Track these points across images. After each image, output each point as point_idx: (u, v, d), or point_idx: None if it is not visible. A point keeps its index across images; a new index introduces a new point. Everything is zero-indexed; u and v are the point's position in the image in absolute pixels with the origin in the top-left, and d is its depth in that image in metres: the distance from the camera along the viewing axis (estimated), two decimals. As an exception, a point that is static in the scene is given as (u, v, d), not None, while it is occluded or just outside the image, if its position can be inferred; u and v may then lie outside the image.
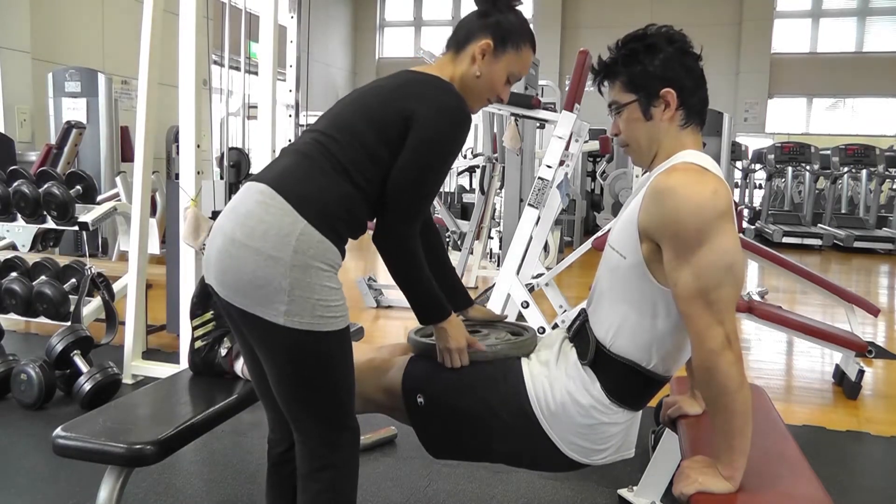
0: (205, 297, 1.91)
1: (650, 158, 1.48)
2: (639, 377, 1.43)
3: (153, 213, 4.03)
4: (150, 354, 3.31)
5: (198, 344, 1.90)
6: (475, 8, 1.52)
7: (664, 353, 1.42)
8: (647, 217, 1.34)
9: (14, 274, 3.67)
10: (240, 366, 1.85)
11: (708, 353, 1.26)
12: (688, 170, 1.35)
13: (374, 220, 1.44)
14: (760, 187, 10.98)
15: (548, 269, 4.13)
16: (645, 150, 1.47)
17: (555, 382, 1.46)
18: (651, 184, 1.36)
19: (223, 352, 1.87)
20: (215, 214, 2.99)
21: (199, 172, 2.95)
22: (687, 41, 1.46)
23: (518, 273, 3.53)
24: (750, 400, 1.27)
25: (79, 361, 2.90)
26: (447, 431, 1.55)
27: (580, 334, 1.49)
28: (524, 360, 1.52)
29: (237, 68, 3.25)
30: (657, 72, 1.42)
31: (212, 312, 1.91)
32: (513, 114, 3.98)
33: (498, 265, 5.71)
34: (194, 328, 1.91)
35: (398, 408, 1.60)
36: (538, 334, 1.66)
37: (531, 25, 1.61)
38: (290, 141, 3.22)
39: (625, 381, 1.43)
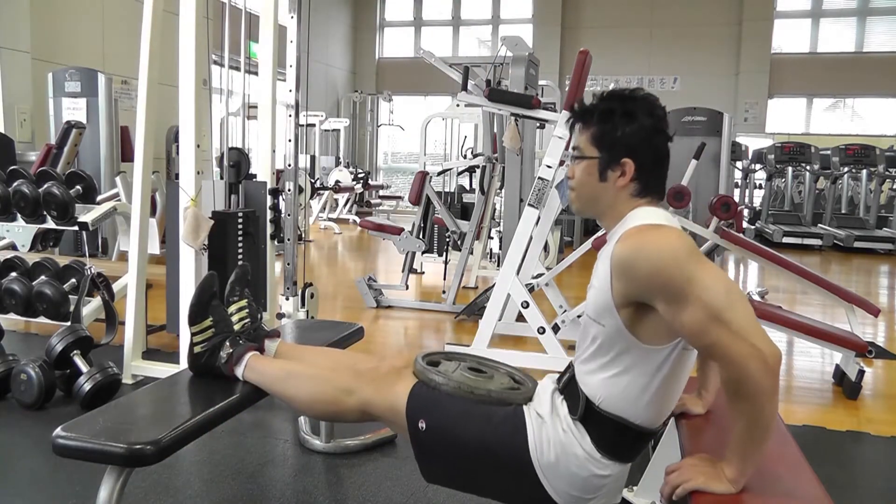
0: (203, 304, 1.90)
1: (590, 212, 1.54)
2: (628, 432, 1.45)
3: (153, 213, 4.03)
4: (150, 354, 3.31)
5: (197, 349, 1.90)
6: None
7: (652, 407, 1.44)
8: (622, 286, 1.36)
9: (14, 274, 3.67)
10: (241, 371, 1.84)
11: (740, 369, 1.22)
12: (643, 231, 1.37)
13: None
14: (760, 187, 10.97)
15: (548, 269, 4.14)
16: (587, 203, 1.53)
17: (551, 435, 1.48)
18: (613, 255, 1.37)
19: (224, 357, 1.86)
20: (215, 214, 2.99)
21: (199, 172, 2.95)
22: (665, 119, 1.48)
23: (518, 273, 3.54)
24: (776, 414, 1.26)
25: (79, 361, 2.90)
26: (444, 461, 1.58)
27: (570, 389, 1.51)
28: (526, 409, 1.54)
29: (237, 68, 3.25)
30: (625, 139, 1.45)
31: (211, 319, 1.89)
32: (513, 114, 3.98)
33: (498, 265, 5.72)
34: (193, 334, 1.90)
35: (399, 425, 1.62)
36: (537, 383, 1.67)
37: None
38: (290, 141, 3.22)
39: (615, 436, 1.45)
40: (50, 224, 3.53)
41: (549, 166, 3.44)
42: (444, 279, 5.24)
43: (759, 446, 1.26)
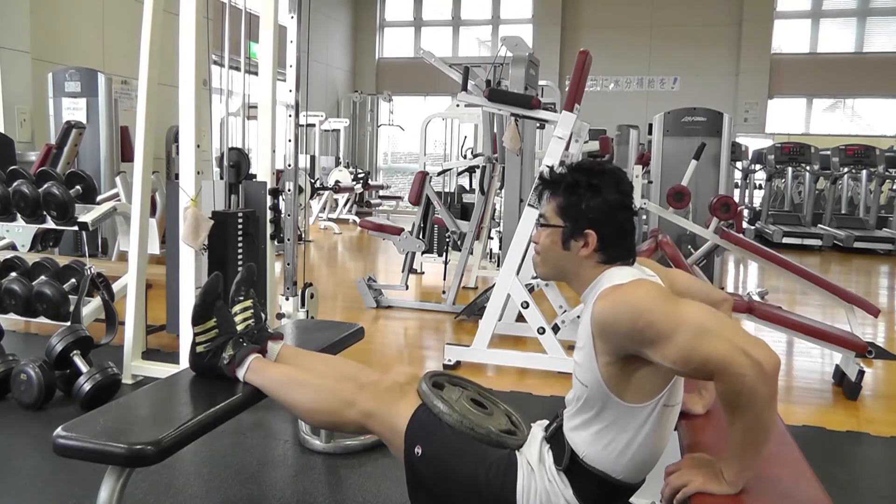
0: (208, 305, 1.90)
1: (555, 277, 1.58)
2: (610, 487, 1.47)
3: (153, 213, 4.03)
4: (149, 354, 3.31)
5: (200, 349, 1.90)
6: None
7: (634, 463, 1.45)
8: (607, 344, 1.38)
9: (14, 274, 3.67)
10: (242, 372, 1.84)
11: (738, 378, 1.21)
12: (618, 290, 1.39)
13: None
14: (760, 188, 10.97)
15: (548, 269, 4.13)
16: (552, 269, 1.57)
17: (538, 483, 1.50)
18: (593, 316, 1.39)
19: (226, 358, 1.86)
20: (215, 214, 2.99)
21: (199, 172, 2.95)
22: (630, 195, 1.52)
23: (518, 273, 3.54)
24: (775, 420, 1.26)
25: (79, 361, 2.90)
26: (432, 489, 1.60)
27: (556, 439, 1.53)
28: (519, 454, 1.56)
29: (237, 68, 3.25)
30: (588, 212, 1.48)
31: (214, 319, 1.89)
32: (513, 114, 3.98)
33: (498, 265, 5.72)
34: (196, 334, 1.90)
35: (395, 445, 1.64)
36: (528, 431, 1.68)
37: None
38: (290, 141, 3.22)
39: (596, 490, 1.47)
40: (50, 224, 3.53)
41: (549, 166, 3.43)
42: (444, 279, 5.24)
43: (758, 450, 1.26)
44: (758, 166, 10.53)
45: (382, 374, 1.78)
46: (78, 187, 3.60)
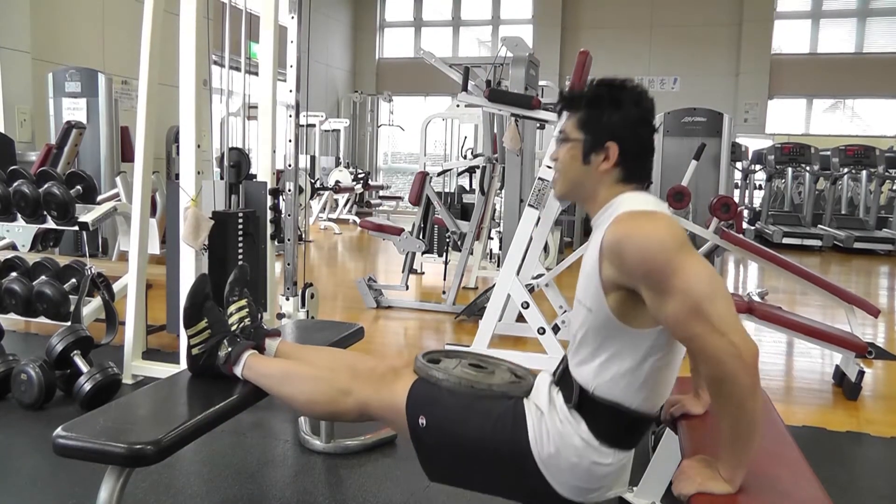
0: (197, 306, 1.90)
1: (572, 196, 1.56)
2: (625, 418, 1.44)
3: (153, 213, 4.03)
4: (150, 354, 3.31)
5: (195, 351, 1.90)
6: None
7: (645, 392, 1.43)
8: (610, 271, 1.36)
9: (14, 274, 3.67)
10: (240, 369, 1.84)
11: (715, 364, 1.24)
12: (633, 217, 1.37)
13: None
14: (760, 188, 10.97)
15: (548, 269, 4.14)
16: (570, 186, 1.53)
17: (549, 427, 1.48)
18: (605, 240, 1.37)
19: (222, 357, 1.86)
20: (215, 214, 2.99)
21: (199, 172, 2.95)
22: (652, 112, 1.49)
23: (518, 273, 3.54)
24: (760, 410, 1.26)
25: (79, 361, 2.90)
26: (445, 457, 1.58)
27: (564, 379, 1.52)
28: (526, 402, 1.54)
29: (237, 68, 3.25)
30: (609, 124, 1.46)
31: (206, 320, 1.89)
32: (513, 114, 3.98)
33: (498, 266, 5.71)
34: (190, 337, 1.90)
35: (399, 423, 1.62)
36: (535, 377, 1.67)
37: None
38: (290, 141, 3.22)
39: (611, 423, 1.45)
40: (50, 224, 3.53)
41: (549, 167, 3.43)
42: (444, 280, 5.24)
43: (747, 443, 1.27)
44: (758, 167, 10.53)
45: (379, 360, 1.78)
46: (78, 187, 3.60)
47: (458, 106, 8.51)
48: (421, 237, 5.26)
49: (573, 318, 1.52)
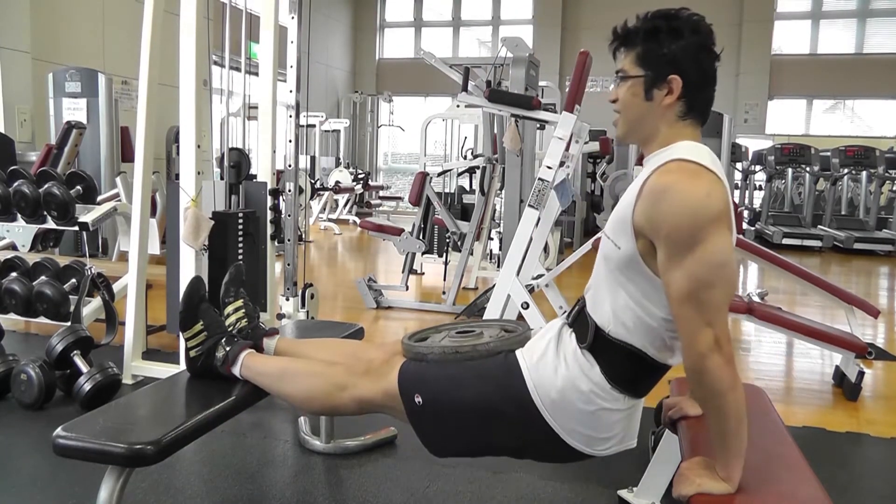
0: (192, 308, 1.90)
1: (634, 137, 1.49)
2: (639, 362, 1.42)
3: (153, 213, 4.03)
4: (150, 355, 3.31)
5: (192, 353, 1.89)
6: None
7: (662, 340, 1.41)
8: (641, 216, 1.34)
9: (14, 274, 3.67)
10: (237, 369, 1.84)
11: (697, 356, 1.26)
12: (683, 169, 1.33)
13: None
14: (760, 188, 10.97)
15: (548, 270, 4.14)
16: (632, 126, 1.48)
17: (554, 370, 1.45)
18: (647, 182, 1.35)
19: (220, 358, 1.86)
20: (215, 215, 2.99)
21: (199, 173, 2.95)
22: (712, 38, 1.43)
23: (518, 274, 3.54)
24: (743, 401, 1.27)
25: (79, 361, 2.90)
26: (447, 429, 1.55)
27: (579, 319, 1.49)
28: (519, 353, 1.52)
29: (238, 69, 3.25)
30: (671, 56, 1.41)
31: (202, 322, 1.89)
32: (513, 115, 3.98)
33: (498, 266, 5.71)
34: (186, 340, 1.90)
35: (397, 408, 1.60)
36: (531, 329, 1.65)
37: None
38: (290, 141, 3.22)
39: (624, 365, 1.42)
40: (50, 224, 3.53)
41: (549, 167, 3.44)
42: (444, 280, 5.24)
43: (736, 436, 1.27)
44: (758, 167, 10.54)
45: (377, 349, 1.77)
46: (78, 187, 3.60)
47: (458, 106, 8.50)
48: (421, 237, 5.26)
49: (599, 254, 1.48)
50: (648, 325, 1.40)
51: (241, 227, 3.05)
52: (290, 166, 3.23)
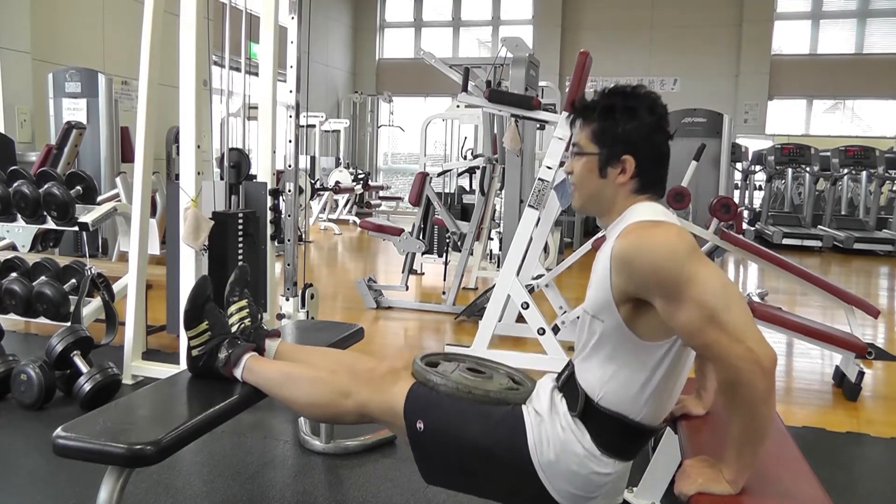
0: (198, 307, 1.90)
1: (591, 210, 1.55)
2: (628, 429, 1.44)
3: (153, 213, 4.03)
4: (150, 355, 3.31)
5: (195, 352, 1.90)
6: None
7: (651, 404, 1.43)
8: (620, 282, 1.36)
9: (14, 274, 3.67)
10: (239, 372, 1.84)
11: (734, 371, 1.23)
12: (642, 227, 1.38)
13: None
14: (760, 189, 10.98)
15: (548, 270, 4.14)
16: (588, 199, 1.53)
17: (550, 433, 1.47)
18: (613, 250, 1.37)
19: (222, 359, 1.86)
20: (215, 215, 2.99)
21: (199, 173, 2.95)
22: (666, 117, 1.48)
23: (518, 274, 3.54)
24: (773, 415, 1.26)
25: (79, 362, 2.90)
26: (443, 461, 1.57)
27: (569, 386, 1.51)
28: (525, 408, 1.53)
29: (238, 69, 3.25)
30: (625, 136, 1.45)
31: (206, 322, 1.89)
32: (513, 115, 3.98)
33: (498, 266, 5.71)
34: (190, 338, 1.90)
35: (397, 426, 1.62)
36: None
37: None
38: (290, 142, 3.22)
39: (615, 433, 1.44)
40: (50, 224, 3.53)
41: (549, 167, 3.44)
42: (444, 280, 5.24)
43: (755, 448, 1.26)
44: (758, 167, 10.54)
45: (379, 362, 1.77)
46: (78, 188, 3.60)
47: (458, 106, 8.51)
48: (421, 238, 5.26)
49: (581, 326, 1.51)
50: (638, 390, 1.41)
51: (241, 227, 3.05)
52: (290, 166, 3.23)
